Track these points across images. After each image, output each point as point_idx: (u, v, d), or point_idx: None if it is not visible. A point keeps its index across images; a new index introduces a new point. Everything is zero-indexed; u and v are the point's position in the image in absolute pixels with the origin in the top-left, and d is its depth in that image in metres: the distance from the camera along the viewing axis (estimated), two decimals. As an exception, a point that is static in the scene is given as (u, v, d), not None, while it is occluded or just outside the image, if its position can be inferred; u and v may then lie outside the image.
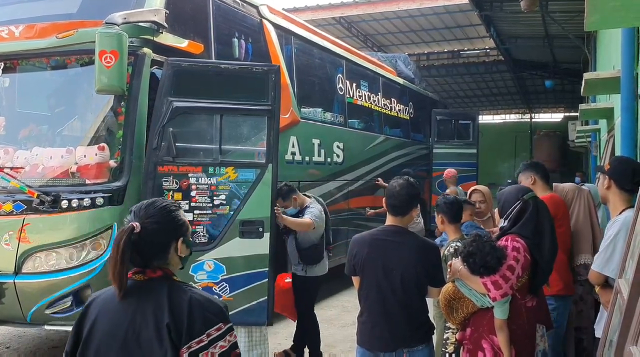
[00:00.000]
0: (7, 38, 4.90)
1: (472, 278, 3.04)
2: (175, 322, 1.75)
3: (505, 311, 3.03)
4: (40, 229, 4.49)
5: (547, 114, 29.57)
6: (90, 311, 1.87)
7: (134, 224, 1.82)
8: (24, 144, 5.02)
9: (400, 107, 11.22)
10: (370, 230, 3.27)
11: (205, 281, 4.50)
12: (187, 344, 1.74)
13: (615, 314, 2.45)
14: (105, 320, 1.82)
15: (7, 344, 6.01)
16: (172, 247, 1.89)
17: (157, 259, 1.87)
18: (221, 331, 1.79)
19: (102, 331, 1.81)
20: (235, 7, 6.20)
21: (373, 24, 15.57)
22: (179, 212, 1.95)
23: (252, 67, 5.04)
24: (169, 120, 4.57)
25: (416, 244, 3.11)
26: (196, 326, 1.76)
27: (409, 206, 3.14)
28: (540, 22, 11.48)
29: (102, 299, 1.89)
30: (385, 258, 3.07)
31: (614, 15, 2.67)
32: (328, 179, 7.92)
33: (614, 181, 3.14)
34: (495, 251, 2.97)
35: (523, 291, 3.10)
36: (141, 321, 1.77)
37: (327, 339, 5.94)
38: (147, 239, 1.82)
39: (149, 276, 1.85)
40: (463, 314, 3.20)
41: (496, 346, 3.06)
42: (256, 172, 4.61)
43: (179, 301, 1.79)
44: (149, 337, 1.75)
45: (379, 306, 3.08)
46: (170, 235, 1.89)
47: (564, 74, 16.86)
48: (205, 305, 1.81)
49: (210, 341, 1.76)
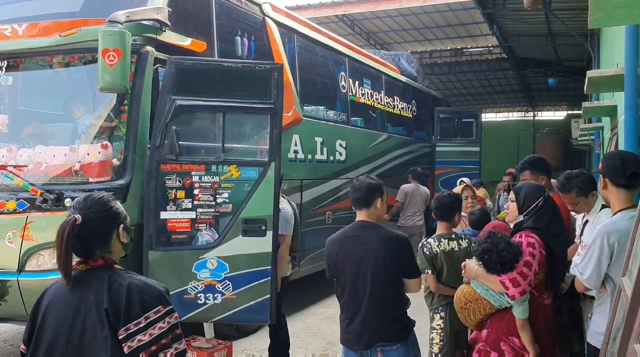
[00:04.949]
0: (10, 36, 4.91)
1: (488, 277, 2.99)
2: (113, 306, 1.84)
3: (526, 310, 2.97)
4: (44, 227, 4.49)
5: (550, 112, 29.53)
6: (42, 302, 1.99)
7: (75, 216, 1.93)
8: (27, 142, 5.04)
9: (403, 105, 11.21)
10: (342, 229, 3.30)
11: (209, 279, 4.50)
12: (124, 327, 1.83)
13: (619, 312, 2.44)
14: (55, 309, 1.94)
15: (10, 342, 6.03)
16: (113, 235, 2.00)
17: (99, 248, 1.97)
18: (160, 313, 1.88)
19: (52, 319, 1.92)
20: (238, 5, 6.20)
21: (376, 22, 15.55)
22: (115, 202, 2.06)
23: (254, 65, 5.04)
24: (172, 118, 4.57)
25: (381, 237, 3.11)
26: (133, 309, 1.84)
27: (370, 197, 3.18)
28: (543, 19, 11.46)
29: (52, 290, 2.01)
30: (355, 254, 3.10)
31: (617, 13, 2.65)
32: (330, 177, 7.92)
33: (608, 178, 2.93)
34: (511, 247, 2.93)
35: (540, 287, 3.05)
36: (85, 307, 1.88)
37: (329, 337, 5.96)
38: (89, 229, 1.93)
39: (90, 265, 1.96)
40: (481, 316, 3.13)
41: (517, 347, 2.99)
42: (259, 171, 4.61)
43: (117, 286, 1.88)
44: (92, 323, 1.86)
45: (353, 303, 3.10)
46: (111, 223, 2.00)
47: (567, 72, 16.82)
48: (144, 289, 1.90)
49: (149, 323, 1.85)
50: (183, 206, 4.53)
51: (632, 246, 2.48)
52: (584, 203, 3.57)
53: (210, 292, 4.50)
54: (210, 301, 4.50)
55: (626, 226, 2.71)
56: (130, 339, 1.82)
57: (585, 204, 3.57)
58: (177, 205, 4.53)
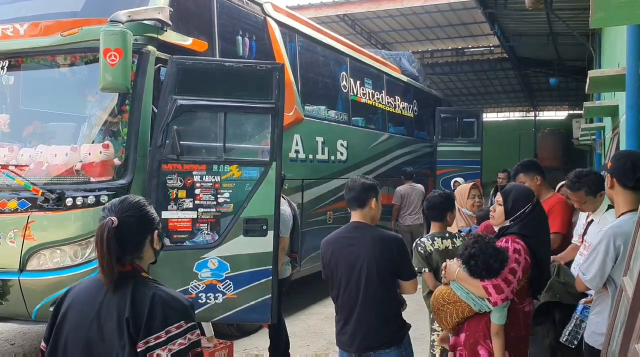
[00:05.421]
0: (11, 36, 4.91)
1: (471, 281, 2.93)
2: (134, 317, 1.79)
3: (504, 316, 2.93)
4: (45, 226, 4.50)
5: (551, 112, 29.50)
6: (65, 300, 1.95)
7: (112, 218, 1.86)
8: (29, 142, 5.04)
9: (404, 104, 11.21)
10: (337, 229, 3.27)
11: (210, 278, 4.50)
12: (144, 339, 1.77)
13: (620, 312, 2.44)
14: (76, 310, 1.89)
15: (11, 341, 6.04)
16: (147, 241, 1.95)
17: (131, 254, 1.92)
18: (181, 329, 1.81)
19: (71, 321, 1.89)
20: (239, 4, 6.20)
21: (377, 22, 15.53)
22: (151, 206, 2.01)
23: (256, 65, 5.04)
24: (173, 118, 4.57)
25: (374, 237, 3.07)
26: (155, 322, 1.79)
27: (363, 196, 3.14)
28: (544, 19, 11.44)
29: (76, 290, 1.96)
30: (347, 255, 3.07)
31: (619, 12, 2.65)
32: (332, 177, 7.92)
33: (615, 178, 2.88)
34: (499, 253, 2.87)
35: (521, 294, 2.99)
36: (106, 314, 1.83)
37: (330, 337, 5.90)
38: (124, 232, 1.87)
39: (118, 270, 1.87)
40: (457, 319, 3.06)
41: (492, 351, 2.96)
42: (260, 170, 4.60)
43: (142, 296, 1.83)
44: (111, 330, 1.80)
45: (347, 304, 3.08)
46: (146, 228, 1.95)
47: (569, 72, 16.80)
48: (168, 302, 1.84)
49: (169, 338, 1.78)
50: (184, 205, 4.53)
51: (633, 246, 2.48)
52: (591, 202, 3.58)
53: (212, 292, 4.50)
54: (211, 301, 4.50)
55: (632, 228, 2.70)
56: (149, 352, 1.76)
57: (592, 203, 3.59)
58: (179, 205, 4.53)
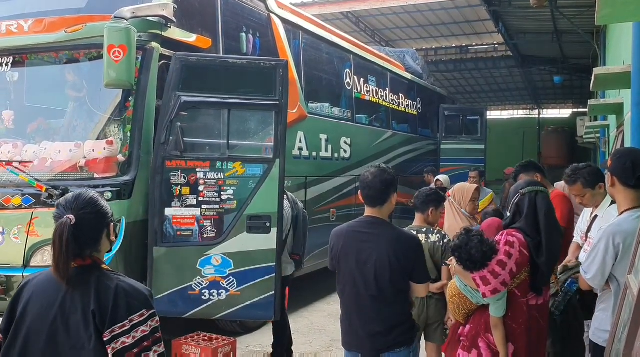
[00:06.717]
0: (16, 32, 4.92)
1: (464, 273, 2.98)
2: (100, 308, 1.88)
3: (500, 309, 2.93)
4: (49, 222, 4.45)
5: (556, 110, 29.39)
6: (24, 293, 2.00)
7: (70, 216, 1.94)
8: (33, 138, 5.05)
9: (408, 102, 11.19)
10: (349, 222, 3.12)
11: (213, 275, 4.51)
12: (110, 329, 1.87)
13: (625, 310, 2.43)
14: (37, 303, 1.95)
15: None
16: (104, 234, 2.04)
17: (90, 247, 1.99)
18: (143, 317, 1.93)
19: (33, 314, 1.94)
20: (243, 1, 6.19)
21: (381, 19, 15.53)
22: (103, 200, 2.10)
23: (260, 62, 5.04)
24: (177, 115, 4.58)
25: (391, 236, 2.92)
26: (120, 312, 1.89)
27: (385, 195, 2.98)
28: (549, 17, 11.42)
29: (35, 282, 2.02)
30: (359, 251, 2.92)
31: (625, 9, 2.65)
32: (335, 174, 7.92)
33: (616, 177, 2.85)
34: (482, 245, 2.88)
35: (524, 288, 2.98)
36: (70, 306, 1.91)
37: (333, 334, 5.95)
38: (83, 229, 1.95)
39: (79, 264, 1.96)
40: (465, 311, 3.13)
41: (493, 344, 2.97)
42: (264, 167, 4.61)
43: (105, 288, 1.92)
44: (76, 322, 1.89)
45: (354, 302, 2.95)
46: (102, 222, 2.04)
47: (573, 70, 16.77)
48: (130, 293, 1.94)
49: (133, 326, 1.90)
50: (188, 202, 4.53)
51: (638, 244, 2.47)
52: (591, 195, 3.58)
53: (215, 289, 4.51)
54: (214, 297, 4.51)
55: (632, 226, 2.70)
56: (114, 341, 1.87)
57: (593, 197, 3.58)
58: (182, 201, 4.54)
